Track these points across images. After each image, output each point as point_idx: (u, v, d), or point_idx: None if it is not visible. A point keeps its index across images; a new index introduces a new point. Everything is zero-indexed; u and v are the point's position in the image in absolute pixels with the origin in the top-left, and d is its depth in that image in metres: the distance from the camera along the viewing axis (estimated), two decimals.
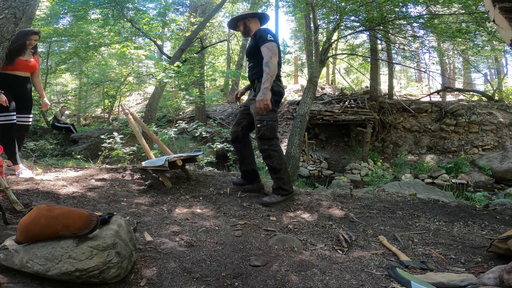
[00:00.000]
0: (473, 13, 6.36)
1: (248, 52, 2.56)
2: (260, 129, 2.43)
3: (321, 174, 9.05)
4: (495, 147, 9.35)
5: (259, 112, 2.37)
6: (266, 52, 2.33)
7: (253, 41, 2.46)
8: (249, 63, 2.57)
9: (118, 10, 8.73)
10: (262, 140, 2.45)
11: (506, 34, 1.19)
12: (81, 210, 1.34)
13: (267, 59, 2.31)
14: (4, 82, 2.74)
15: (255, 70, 2.49)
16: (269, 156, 2.46)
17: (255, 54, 2.45)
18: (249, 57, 2.56)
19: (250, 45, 2.52)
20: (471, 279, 1.30)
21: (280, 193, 2.47)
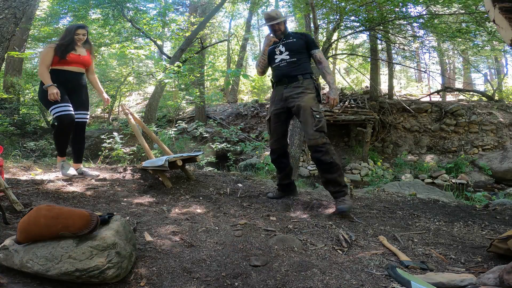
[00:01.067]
0: (473, 13, 6.36)
1: (293, 48, 2.55)
2: (320, 119, 2.36)
3: None
4: (495, 147, 9.35)
5: (331, 108, 2.56)
6: (324, 58, 2.55)
7: (301, 41, 2.56)
8: (290, 58, 2.54)
9: (118, 10, 8.73)
10: (320, 132, 2.34)
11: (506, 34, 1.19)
12: (81, 210, 1.34)
13: (328, 64, 2.57)
14: (58, 78, 2.69)
15: (299, 67, 2.52)
16: (328, 151, 2.31)
17: (301, 52, 2.55)
18: (292, 52, 2.54)
19: (297, 43, 2.55)
20: (471, 279, 1.30)
21: (345, 192, 2.33)
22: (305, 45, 2.56)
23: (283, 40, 2.62)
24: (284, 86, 2.56)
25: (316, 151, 2.35)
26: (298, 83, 2.49)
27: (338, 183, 2.32)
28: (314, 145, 2.33)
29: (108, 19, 9.30)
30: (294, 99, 2.47)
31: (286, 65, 2.56)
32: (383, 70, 14.82)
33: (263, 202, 2.56)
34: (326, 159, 2.30)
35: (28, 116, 9.39)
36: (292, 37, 2.59)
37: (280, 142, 2.63)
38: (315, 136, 2.33)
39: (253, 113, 11.37)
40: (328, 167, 2.32)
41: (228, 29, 19.02)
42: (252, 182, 3.20)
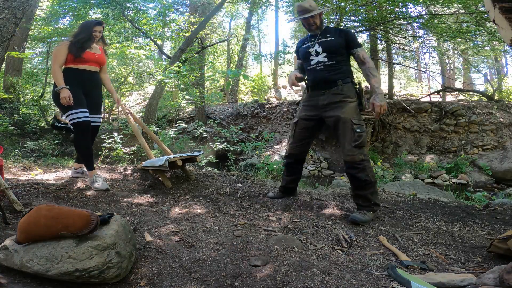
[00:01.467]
0: (473, 13, 6.36)
1: (331, 49, 2.26)
2: (361, 134, 2.13)
3: (321, 174, 9.05)
4: (495, 147, 9.35)
5: (377, 116, 2.16)
6: (368, 58, 2.21)
7: (340, 39, 2.25)
8: (328, 60, 2.26)
9: (118, 10, 8.73)
10: (359, 148, 2.12)
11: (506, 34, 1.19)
12: (81, 210, 1.34)
13: (372, 64, 2.19)
14: (72, 78, 2.51)
15: (338, 71, 2.25)
16: (364, 168, 2.13)
17: (340, 53, 2.26)
18: (330, 53, 2.26)
19: (336, 42, 2.25)
20: (471, 279, 1.30)
21: (373, 209, 2.17)
22: (345, 44, 2.24)
23: (319, 37, 2.30)
24: (321, 93, 2.31)
25: (351, 168, 2.17)
26: (337, 89, 2.23)
27: (368, 200, 2.16)
28: (351, 161, 2.15)
29: (108, 19, 9.31)
30: (333, 109, 2.22)
31: (323, 68, 2.28)
32: (383, 70, 14.82)
33: (263, 202, 2.56)
34: (361, 177, 2.13)
35: (28, 116, 9.39)
36: (330, 34, 2.27)
37: (300, 148, 2.48)
38: (352, 152, 2.13)
39: (253, 113, 11.37)
40: (362, 184, 2.15)
41: (228, 29, 19.04)
42: (252, 182, 3.20)
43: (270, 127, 11.06)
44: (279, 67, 18.79)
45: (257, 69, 22.40)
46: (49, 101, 12.40)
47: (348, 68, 2.30)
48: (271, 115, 11.25)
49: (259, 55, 17.85)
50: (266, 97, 16.42)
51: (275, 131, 10.73)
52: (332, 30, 2.32)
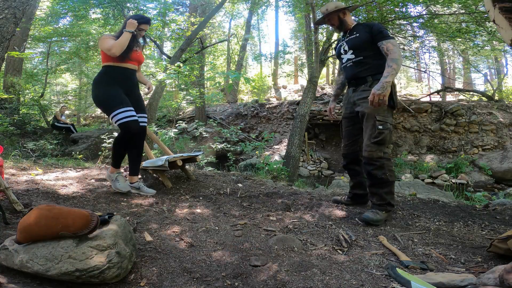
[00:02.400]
0: (473, 13, 6.36)
1: (356, 45, 2.24)
2: (383, 132, 2.08)
3: (321, 174, 9.06)
4: (495, 147, 9.35)
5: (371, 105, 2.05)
6: (394, 49, 2.08)
7: (366, 34, 2.20)
8: (356, 57, 2.24)
9: (118, 10, 8.73)
10: (379, 145, 2.09)
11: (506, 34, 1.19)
12: (81, 210, 1.34)
13: (396, 56, 2.06)
14: (114, 77, 2.36)
15: (367, 66, 2.21)
16: (382, 166, 2.08)
17: (366, 48, 2.20)
18: (356, 49, 2.24)
19: (360, 38, 2.22)
20: (471, 279, 1.30)
21: (387, 209, 2.12)
22: (371, 39, 2.17)
23: (347, 35, 2.31)
24: (352, 89, 2.32)
25: (368, 164, 2.13)
26: (367, 86, 2.20)
27: (382, 198, 2.11)
28: (368, 157, 2.11)
29: (109, 19, 9.31)
30: (361, 105, 2.20)
31: (352, 65, 2.27)
32: None
33: (263, 202, 2.56)
34: (377, 174, 2.09)
35: (28, 116, 9.39)
36: (357, 31, 2.25)
37: (351, 147, 2.41)
38: (371, 148, 2.09)
39: (253, 113, 11.38)
40: (378, 182, 2.11)
41: (228, 29, 19.04)
42: (252, 182, 3.20)
43: (270, 127, 11.06)
44: (279, 67, 18.81)
45: (257, 69, 22.41)
46: (49, 101, 12.40)
47: (379, 62, 2.18)
48: (271, 115, 11.25)
49: (259, 55, 17.87)
50: (266, 97, 16.43)
51: (275, 131, 10.73)
52: (361, 26, 2.27)
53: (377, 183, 2.11)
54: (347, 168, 2.50)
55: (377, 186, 2.13)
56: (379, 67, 2.17)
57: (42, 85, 10.95)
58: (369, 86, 2.17)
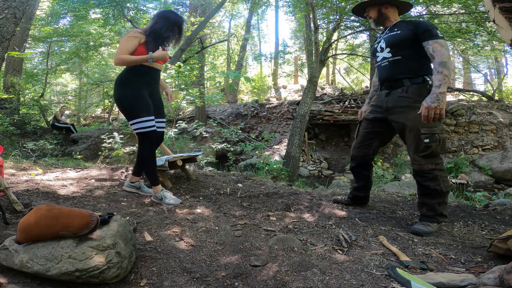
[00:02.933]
0: (473, 13, 6.36)
1: (395, 42, 2.02)
2: (430, 145, 1.89)
3: (321, 174, 9.05)
4: (495, 147, 9.35)
5: (425, 121, 1.81)
6: (442, 51, 1.83)
7: (408, 32, 1.97)
8: (393, 56, 2.03)
9: (118, 10, 8.73)
10: (428, 158, 1.91)
11: (506, 34, 1.19)
12: (81, 210, 1.34)
13: (445, 58, 1.81)
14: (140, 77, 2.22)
15: (405, 67, 1.99)
16: (435, 177, 1.92)
17: (407, 47, 1.98)
18: (394, 47, 2.03)
19: (401, 35, 1.99)
20: (471, 279, 1.30)
21: (438, 220, 1.97)
22: (414, 37, 1.94)
23: (386, 32, 2.09)
24: (385, 93, 2.10)
25: (418, 175, 1.97)
26: (403, 91, 1.98)
27: (434, 209, 1.96)
28: (418, 170, 1.96)
29: (108, 19, 9.31)
30: (398, 114, 1.99)
31: (387, 65, 2.06)
32: None
33: (263, 202, 2.56)
34: (430, 186, 1.93)
35: (28, 116, 9.39)
36: (398, 28, 2.03)
37: (363, 149, 2.25)
38: (419, 161, 1.93)
39: (253, 113, 11.37)
40: (430, 193, 1.95)
41: (228, 29, 19.05)
42: (252, 182, 3.20)
43: (270, 127, 11.06)
44: (279, 67, 18.81)
45: (257, 69, 22.42)
46: (49, 101, 12.41)
47: (419, 64, 1.98)
48: (271, 115, 11.25)
49: (259, 55, 17.87)
50: (266, 97, 16.43)
51: (275, 131, 10.73)
52: (404, 23, 2.04)
53: (429, 194, 1.96)
54: (354, 170, 2.36)
55: (428, 196, 1.97)
56: (418, 69, 1.98)
57: (42, 85, 10.96)
58: (406, 92, 1.97)
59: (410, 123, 1.93)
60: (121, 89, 2.22)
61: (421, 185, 1.98)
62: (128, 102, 2.20)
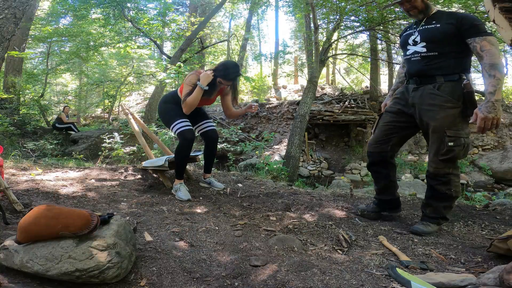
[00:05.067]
0: (473, 13, 6.36)
1: (433, 38, 1.82)
2: (453, 149, 1.77)
3: (321, 174, 9.06)
4: (495, 147, 9.35)
5: (480, 132, 1.68)
6: (492, 50, 1.64)
7: (449, 26, 1.77)
8: (428, 52, 1.84)
9: (118, 10, 8.74)
10: (447, 163, 1.81)
11: (506, 34, 1.19)
12: (81, 210, 1.34)
13: (496, 59, 1.62)
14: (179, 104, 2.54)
15: (441, 63, 1.81)
16: (449, 182, 1.84)
17: (447, 43, 1.79)
18: (431, 43, 1.83)
19: (441, 30, 1.79)
20: (471, 279, 1.30)
21: (439, 222, 1.94)
22: (456, 32, 1.75)
23: (422, 24, 1.88)
24: (413, 87, 1.93)
25: (432, 178, 1.89)
26: (434, 87, 1.82)
27: (437, 211, 1.90)
28: (433, 173, 1.87)
29: (109, 19, 9.32)
30: (425, 112, 1.84)
31: (419, 60, 1.88)
32: (383, 70, 14.83)
33: (263, 202, 2.56)
34: (441, 189, 1.86)
35: (28, 116, 9.40)
36: (437, 21, 1.82)
37: (381, 145, 2.06)
38: (437, 165, 1.84)
39: (253, 113, 11.37)
40: (439, 196, 1.88)
41: (228, 29, 19.05)
42: (252, 182, 3.20)
43: (270, 127, 11.06)
44: (279, 67, 18.80)
45: (257, 69, 22.41)
46: (49, 101, 12.41)
47: (456, 61, 1.80)
48: (271, 115, 11.25)
49: (259, 55, 17.88)
50: (266, 97, 16.42)
51: (275, 131, 10.73)
52: (444, 15, 1.84)
53: (437, 197, 1.89)
54: (371, 169, 2.16)
55: (435, 199, 1.90)
56: (454, 66, 1.80)
57: (42, 85, 10.96)
58: (438, 89, 1.80)
59: (436, 124, 1.79)
60: (162, 105, 2.66)
61: (432, 188, 1.91)
62: (164, 112, 2.62)
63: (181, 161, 2.58)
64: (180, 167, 2.60)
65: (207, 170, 2.89)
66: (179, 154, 2.55)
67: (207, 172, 2.90)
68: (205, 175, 2.91)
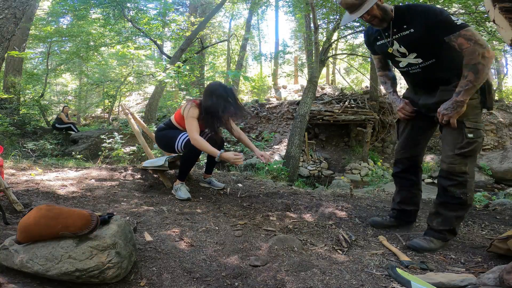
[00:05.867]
0: (473, 13, 6.36)
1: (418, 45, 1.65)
2: (475, 140, 1.61)
3: (321, 174, 9.05)
4: (495, 147, 9.35)
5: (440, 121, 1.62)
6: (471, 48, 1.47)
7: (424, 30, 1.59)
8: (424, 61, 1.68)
9: (118, 10, 8.74)
10: (465, 158, 1.62)
11: (506, 34, 1.19)
12: (81, 210, 1.34)
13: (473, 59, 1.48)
14: None
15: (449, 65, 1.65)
16: (465, 183, 1.64)
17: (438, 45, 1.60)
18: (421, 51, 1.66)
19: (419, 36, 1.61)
20: (471, 279, 1.30)
21: (447, 238, 1.73)
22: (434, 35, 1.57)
23: (394, 31, 1.68)
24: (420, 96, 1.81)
25: (446, 178, 1.68)
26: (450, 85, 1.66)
27: (447, 223, 1.69)
28: (448, 170, 1.66)
29: (109, 18, 9.32)
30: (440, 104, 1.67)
31: (420, 71, 1.72)
32: None
33: (263, 202, 2.56)
34: (455, 193, 1.65)
35: (28, 116, 9.40)
36: (407, 24, 1.63)
37: (409, 151, 1.91)
38: (453, 160, 1.64)
39: (253, 113, 11.37)
40: (452, 203, 1.67)
41: (228, 29, 19.04)
42: (252, 182, 3.21)
43: (270, 127, 11.06)
44: (279, 67, 18.80)
45: (257, 69, 22.41)
46: (49, 101, 12.41)
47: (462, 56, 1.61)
48: (271, 115, 11.25)
49: (259, 55, 17.87)
50: (266, 97, 16.42)
51: (275, 131, 10.73)
52: (406, 16, 1.63)
53: (449, 203, 1.67)
54: (398, 176, 1.98)
55: (447, 207, 1.68)
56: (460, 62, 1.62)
57: (42, 85, 10.96)
58: (454, 86, 1.62)
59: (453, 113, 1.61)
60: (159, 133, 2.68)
61: (445, 191, 1.68)
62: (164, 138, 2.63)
63: (186, 168, 2.56)
64: (185, 171, 2.58)
65: (208, 171, 2.91)
66: (186, 163, 2.52)
67: (208, 172, 2.92)
68: (206, 175, 2.93)
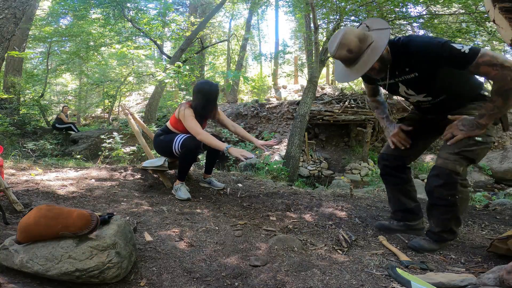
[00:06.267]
0: (473, 13, 6.36)
1: (424, 88, 1.59)
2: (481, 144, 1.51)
3: (321, 174, 9.05)
4: (495, 147, 9.35)
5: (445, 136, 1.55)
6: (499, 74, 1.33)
7: (431, 69, 1.48)
8: (434, 99, 1.63)
9: (118, 10, 8.74)
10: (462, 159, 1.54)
11: (506, 34, 1.19)
12: (81, 210, 1.34)
13: (509, 84, 1.33)
14: None
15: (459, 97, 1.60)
16: (453, 185, 1.54)
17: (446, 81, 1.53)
18: (429, 91, 1.60)
19: (426, 80, 1.54)
20: (471, 279, 1.30)
21: (445, 239, 1.68)
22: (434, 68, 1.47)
23: (395, 73, 1.59)
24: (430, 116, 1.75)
25: (435, 176, 1.57)
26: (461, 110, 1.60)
27: (443, 224, 1.63)
28: (441, 166, 1.55)
29: (109, 19, 9.32)
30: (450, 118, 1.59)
31: (431, 107, 1.68)
32: None
33: (263, 202, 2.56)
34: (441, 193, 1.55)
35: (28, 116, 9.40)
36: (409, 67, 1.53)
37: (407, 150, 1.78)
38: (448, 156, 1.53)
39: (253, 113, 11.37)
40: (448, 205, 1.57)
41: (228, 29, 19.04)
42: (252, 182, 3.20)
43: (270, 127, 11.06)
44: (279, 67, 18.80)
45: (257, 69, 22.41)
46: (49, 101, 12.41)
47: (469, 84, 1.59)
48: (271, 115, 11.25)
49: (259, 55, 17.87)
50: (266, 97, 16.42)
51: (275, 131, 10.73)
52: (408, 56, 1.49)
53: (438, 205, 1.61)
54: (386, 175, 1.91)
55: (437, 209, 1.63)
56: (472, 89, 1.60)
57: (42, 85, 10.95)
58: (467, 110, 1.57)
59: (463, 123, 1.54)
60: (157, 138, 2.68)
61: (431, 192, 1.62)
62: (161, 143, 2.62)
63: (185, 168, 2.57)
64: (184, 171, 2.59)
65: (208, 171, 2.91)
66: (184, 162, 2.54)
67: (207, 173, 2.93)
68: (206, 175, 2.94)
